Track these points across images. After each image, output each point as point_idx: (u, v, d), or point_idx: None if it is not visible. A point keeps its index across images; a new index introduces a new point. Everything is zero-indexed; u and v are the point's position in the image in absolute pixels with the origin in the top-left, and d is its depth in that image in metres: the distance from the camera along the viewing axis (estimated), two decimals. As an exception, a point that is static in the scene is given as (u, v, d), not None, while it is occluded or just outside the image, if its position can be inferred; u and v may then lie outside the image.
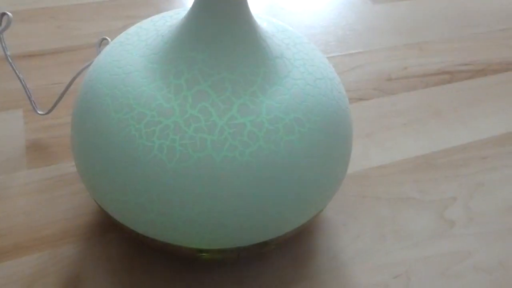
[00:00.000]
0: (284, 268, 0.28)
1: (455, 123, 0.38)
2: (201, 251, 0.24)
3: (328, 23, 0.48)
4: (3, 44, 0.31)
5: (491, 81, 0.43)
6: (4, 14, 0.30)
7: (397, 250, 0.29)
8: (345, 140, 0.25)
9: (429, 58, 0.45)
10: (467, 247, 0.30)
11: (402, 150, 0.36)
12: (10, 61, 0.31)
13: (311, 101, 0.24)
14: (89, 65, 0.31)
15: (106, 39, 0.32)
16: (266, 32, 0.24)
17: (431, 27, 0.49)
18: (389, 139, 0.37)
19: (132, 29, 0.26)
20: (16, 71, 0.31)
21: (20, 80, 0.32)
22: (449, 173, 0.34)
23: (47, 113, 0.33)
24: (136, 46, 0.25)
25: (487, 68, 0.44)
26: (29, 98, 0.33)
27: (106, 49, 0.26)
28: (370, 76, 0.42)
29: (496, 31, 0.49)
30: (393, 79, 0.42)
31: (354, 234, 0.30)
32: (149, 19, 0.27)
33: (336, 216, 0.31)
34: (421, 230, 0.31)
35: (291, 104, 0.23)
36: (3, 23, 0.30)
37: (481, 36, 0.48)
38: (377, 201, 0.32)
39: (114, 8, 0.47)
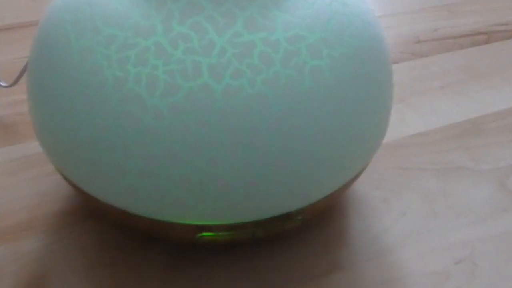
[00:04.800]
0: (313, 255, 0.21)
1: (500, 85, 0.32)
2: (201, 228, 0.18)
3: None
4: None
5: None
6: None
7: (455, 230, 0.23)
8: (386, 75, 0.19)
9: (460, 19, 0.39)
10: (544, 222, 0.23)
11: (443, 116, 0.30)
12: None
13: (341, 20, 0.18)
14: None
15: None
16: None
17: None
18: (426, 104, 0.30)
19: None
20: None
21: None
22: (503, 138, 0.28)
23: (11, 85, 0.27)
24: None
25: (527, 28, 0.38)
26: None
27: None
28: (396, 39, 0.36)
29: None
30: (422, 41, 0.36)
31: (398, 213, 0.24)
32: None
33: (373, 192, 0.25)
34: (481, 204, 0.24)
35: (316, 21, 0.17)
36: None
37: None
38: (421, 173, 0.26)
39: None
